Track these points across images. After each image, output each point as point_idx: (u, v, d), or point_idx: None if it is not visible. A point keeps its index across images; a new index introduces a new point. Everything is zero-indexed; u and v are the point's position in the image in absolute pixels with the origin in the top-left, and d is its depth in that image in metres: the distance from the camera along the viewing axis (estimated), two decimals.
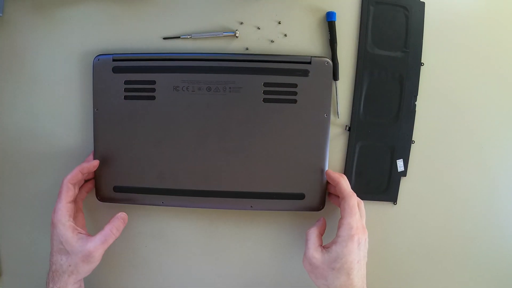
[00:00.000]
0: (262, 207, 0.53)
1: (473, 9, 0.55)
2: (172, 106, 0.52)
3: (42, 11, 0.54)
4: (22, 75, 0.55)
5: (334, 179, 0.50)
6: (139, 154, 0.52)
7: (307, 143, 0.52)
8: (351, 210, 0.46)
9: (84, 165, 0.50)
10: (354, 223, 0.45)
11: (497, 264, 0.57)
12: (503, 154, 0.56)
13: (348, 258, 0.44)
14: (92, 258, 0.46)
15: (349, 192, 0.48)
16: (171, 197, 0.53)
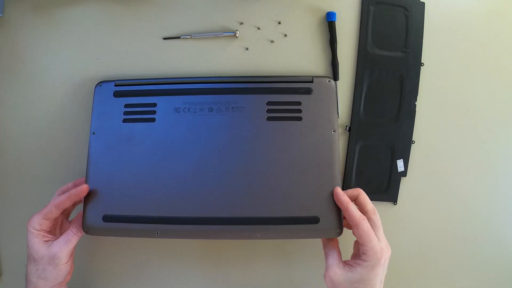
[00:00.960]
0: (271, 235, 0.48)
1: (473, 9, 0.55)
2: (172, 127, 0.50)
3: (42, 11, 0.54)
4: (22, 75, 0.55)
5: (342, 203, 0.46)
6: (134, 179, 0.49)
7: (316, 161, 0.48)
8: (368, 236, 0.43)
9: (72, 192, 0.47)
10: (377, 247, 0.43)
11: (497, 264, 0.57)
12: (503, 154, 0.56)
13: (372, 280, 0.43)
14: (57, 260, 0.46)
15: (359, 218, 0.44)
16: (168, 227, 0.47)
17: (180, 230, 0.48)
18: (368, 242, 0.43)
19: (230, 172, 0.48)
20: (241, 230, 0.47)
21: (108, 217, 0.48)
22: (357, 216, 0.44)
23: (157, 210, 0.48)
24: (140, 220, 0.48)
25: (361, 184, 0.54)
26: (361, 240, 0.44)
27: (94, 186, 0.49)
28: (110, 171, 0.49)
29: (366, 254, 0.43)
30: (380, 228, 0.45)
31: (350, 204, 0.45)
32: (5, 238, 0.57)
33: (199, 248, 0.56)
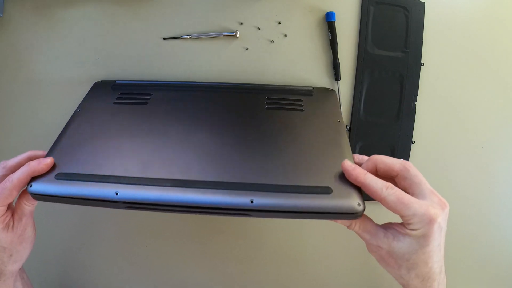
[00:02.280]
0: (269, 203, 0.34)
1: (473, 9, 0.55)
2: (165, 106, 0.47)
3: (42, 11, 0.54)
4: (21, 75, 0.55)
5: (354, 178, 0.35)
6: (107, 143, 0.41)
7: (322, 140, 0.42)
8: (401, 204, 0.33)
9: (33, 166, 0.37)
10: (421, 211, 0.33)
11: (497, 264, 0.57)
12: (503, 154, 0.56)
13: (427, 248, 0.34)
14: (25, 236, 0.41)
15: (381, 189, 0.34)
16: (133, 188, 0.36)
17: (148, 192, 0.35)
18: (405, 210, 0.33)
19: (223, 140, 0.42)
20: (229, 196, 0.35)
21: (62, 175, 0.37)
22: (379, 188, 0.34)
23: (125, 171, 0.37)
24: (99, 178, 0.37)
25: None
26: (396, 212, 0.34)
27: (60, 150, 0.41)
28: (84, 138, 0.42)
29: (410, 223, 0.34)
30: (421, 183, 0.35)
31: (365, 175, 0.35)
32: None
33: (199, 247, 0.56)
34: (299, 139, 0.42)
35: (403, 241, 0.34)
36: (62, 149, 0.41)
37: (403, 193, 0.34)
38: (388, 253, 0.35)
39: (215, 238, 0.56)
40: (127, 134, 0.42)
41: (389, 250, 0.35)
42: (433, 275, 0.35)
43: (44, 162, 0.37)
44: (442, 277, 0.37)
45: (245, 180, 0.36)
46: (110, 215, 0.54)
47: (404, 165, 0.35)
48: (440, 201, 0.35)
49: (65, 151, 0.40)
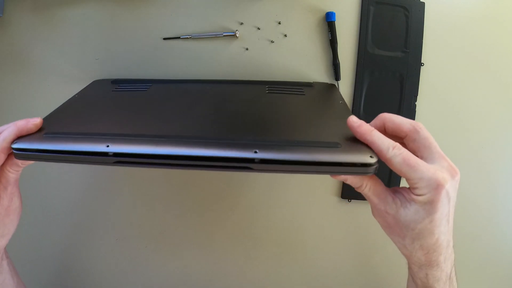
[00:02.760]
0: (274, 153, 0.31)
1: (473, 9, 0.55)
2: (165, 88, 0.47)
3: (42, 11, 0.54)
4: (21, 75, 0.55)
5: (361, 134, 0.33)
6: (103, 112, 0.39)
7: (326, 114, 0.40)
8: (408, 166, 0.31)
9: (20, 125, 0.35)
10: (428, 174, 0.31)
11: (497, 264, 0.57)
12: (503, 154, 0.56)
13: (433, 217, 0.32)
14: (12, 208, 0.39)
15: (387, 147, 0.31)
16: (125, 141, 0.32)
17: (141, 144, 0.32)
18: (411, 173, 0.31)
19: (226, 106, 0.40)
20: (231, 147, 0.31)
21: (50, 133, 0.35)
22: (385, 147, 0.31)
23: (116, 128, 0.35)
24: (89, 134, 0.34)
25: None
26: (402, 174, 0.32)
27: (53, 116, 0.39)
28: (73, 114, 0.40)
29: (416, 188, 0.31)
30: (431, 146, 0.33)
31: (372, 132, 0.32)
32: None
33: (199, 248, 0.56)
34: (303, 112, 0.40)
35: (410, 208, 0.32)
36: (54, 118, 0.38)
37: (411, 155, 0.31)
38: (394, 219, 0.33)
39: (215, 238, 0.56)
40: (125, 108, 0.40)
41: (396, 217, 0.33)
42: (439, 248, 0.33)
43: (33, 122, 0.35)
44: (450, 252, 0.35)
45: (249, 135, 0.34)
46: (110, 216, 0.54)
47: (414, 126, 0.33)
48: (451, 167, 0.32)
49: (57, 119, 0.38)
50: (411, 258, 0.35)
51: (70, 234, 0.56)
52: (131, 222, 0.56)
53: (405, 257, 0.36)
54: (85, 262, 0.56)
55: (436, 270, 0.34)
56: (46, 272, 0.57)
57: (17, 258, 0.57)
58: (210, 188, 0.55)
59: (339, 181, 0.55)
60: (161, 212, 0.56)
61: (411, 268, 0.37)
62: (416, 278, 0.36)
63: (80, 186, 0.55)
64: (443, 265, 0.34)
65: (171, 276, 0.57)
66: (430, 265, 0.34)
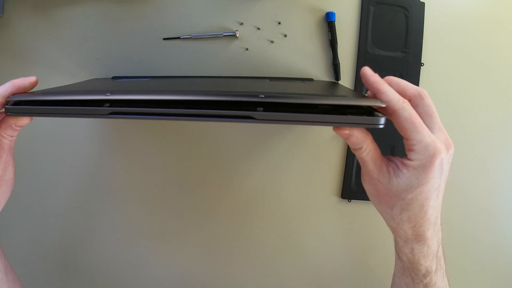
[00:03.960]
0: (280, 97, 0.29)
1: (473, 9, 0.55)
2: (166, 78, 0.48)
3: (42, 11, 0.54)
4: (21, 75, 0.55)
5: (371, 84, 0.33)
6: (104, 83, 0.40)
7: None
8: (413, 124, 0.31)
9: (17, 82, 0.34)
10: (427, 140, 0.31)
11: (497, 264, 0.57)
12: (503, 154, 0.56)
13: (425, 187, 0.32)
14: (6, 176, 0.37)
15: (397, 101, 0.31)
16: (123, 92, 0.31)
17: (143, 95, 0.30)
18: (413, 133, 0.31)
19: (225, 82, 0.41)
20: (235, 93, 0.30)
21: (48, 91, 0.34)
22: (395, 99, 0.31)
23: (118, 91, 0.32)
24: (89, 92, 0.33)
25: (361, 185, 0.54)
26: (404, 132, 0.32)
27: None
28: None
29: (413, 150, 0.32)
30: (433, 116, 0.33)
31: (383, 84, 0.32)
32: (5, 238, 0.57)
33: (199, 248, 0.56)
34: (307, 87, 0.39)
35: (402, 176, 0.32)
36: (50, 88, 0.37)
37: (417, 115, 0.31)
38: (386, 188, 0.33)
39: (214, 238, 0.56)
40: (126, 84, 0.40)
41: (387, 186, 0.33)
42: (426, 222, 0.33)
43: (29, 80, 0.34)
44: (437, 229, 0.35)
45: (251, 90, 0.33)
46: (110, 216, 0.54)
47: (419, 92, 0.32)
48: (447, 140, 0.33)
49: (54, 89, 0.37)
50: (397, 231, 0.34)
51: (70, 234, 0.56)
52: (131, 222, 0.56)
53: (391, 230, 0.35)
54: (85, 262, 0.56)
55: (422, 246, 0.34)
56: (45, 272, 0.57)
57: (16, 258, 0.57)
58: (210, 189, 0.55)
59: (339, 181, 0.55)
60: (161, 213, 0.56)
61: (397, 242, 0.36)
62: (402, 254, 0.36)
63: (80, 186, 0.55)
64: (430, 242, 0.34)
65: (171, 276, 0.57)
66: (417, 239, 0.34)
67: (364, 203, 0.54)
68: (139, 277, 0.57)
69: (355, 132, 0.32)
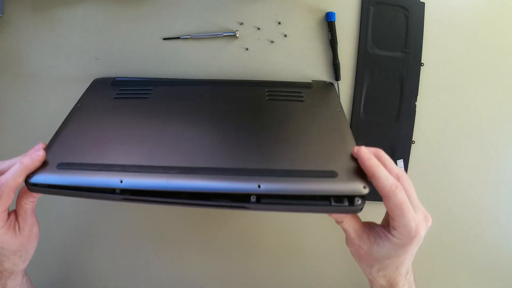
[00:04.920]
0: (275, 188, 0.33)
1: (473, 9, 0.55)
2: (166, 99, 0.47)
3: (42, 12, 0.54)
4: (21, 75, 0.55)
5: (367, 167, 0.35)
6: (109, 134, 0.40)
7: (325, 128, 0.42)
8: (401, 209, 0.33)
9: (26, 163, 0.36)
10: (412, 224, 0.34)
11: (497, 264, 0.57)
12: (504, 154, 0.56)
13: (401, 257, 0.36)
14: (33, 235, 0.41)
15: (391, 186, 0.33)
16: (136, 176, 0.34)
17: (153, 180, 0.33)
18: (400, 217, 0.34)
19: (227, 128, 0.41)
20: (235, 182, 0.33)
21: (63, 165, 0.36)
22: (388, 185, 0.33)
23: (128, 159, 0.36)
24: (102, 167, 0.35)
25: None
26: (392, 214, 0.34)
27: (59, 141, 0.40)
28: (85, 130, 0.41)
29: (397, 231, 0.34)
30: (412, 196, 0.35)
31: (379, 167, 0.34)
32: None
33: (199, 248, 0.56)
34: (301, 127, 0.41)
35: (383, 246, 0.36)
36: (62, 140, 0.39)
37: (406, 200, 0.34)
38: (366, 253, 0.37)
39: (215, 238, 0.56)
40: (128, 125, 0.41)
41: (368, 250, 0.37)
42: (399, 276, 0.38)
43: (36, 158, 0.36)
44: (409, 277, 0.39)
45: (251, 166, 0.36)
46: (110, 216, 0.54)
47: (403, 173, 0.36)
48: (426, 216, 0.36)
49: (66, 142, 0.39)
50: (373, 282, 0.39)
51: (70, 234, 0.56)
52: (131, 222, 0.56)
53: (369, 280, 0.40)
54: (85, 262, 0.56)
55: None
56: (45, 272, 0.57)
57: None
58: None
59: None
60: (161, 213, 0.56)
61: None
62: None
63: None
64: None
65: (171, 276, 0.57)
66: None
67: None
68: (139, 277, 0.57)
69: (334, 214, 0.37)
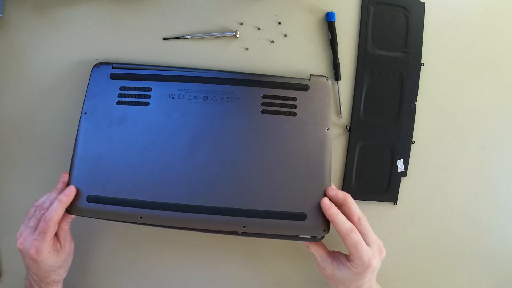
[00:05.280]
0: (256, 229, 0.46)
1: (473, 9, 0.55)
2: (165, 113, 0.50)
3: (42, 12, 0.54)
4: (21, 75, 0.55)
5: (329, 215, 0.45)
6: (123, 161, 0.48)
7: (307, 158, 0.48)
8: (355, 248, 0.43)
9: (64, 201, 0.46)
10: (365, 258, 0.43)
11: (497, 264, 0.57)
12: (504, 154, 0.56)
13: (359, 281, 0.45)
14: (71, 249, 0.51)
15: (346, 230, 0.43)
16: (152, 212, 0.46)
17: (164, 216, 0.46)
18: (355, 253, 0.43)
19: (220, 162, 0.48)
20: (226, 221, 0.46)
21: (92, 198, 0.47)
22: (344, 229, 0.44)
23: (143, 194, 0.47)
24: (125, 203, 0.47)
25: (361, 184, 0.54)
26: (349, 250, 0.44)
27: (80, 166, 0.48)
28: (98, 152, 0.48)
29: (354, 262, 0.44)
30: (369, 234, 0.45)
31: (338, 215, 0.45)
32: (5, 238, 0.57)
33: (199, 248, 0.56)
34: (287, 159, 0.48)
35: (343, 271, 0.45)
36: (82, 170, 0.48)
37: (360, 240, 0.44)
38: (331, 274, 0.46)
39: (215, 239, 0.56)
40: (135, 151, 0.49)
41: (332, 273, 0.46)
42: None
43: (70, 195, 0.47)
44: None
45: (238, 206, 0.47)
46: None
47: (361, 217, 0.45)
48: (380, 249, 0.45)
49: (85, 172, 0.48)
50: None
51: None
52: None
53: None
54: (85, 262, 0.56)
55: None
56: None
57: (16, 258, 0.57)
58: None
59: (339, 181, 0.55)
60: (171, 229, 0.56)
61: None
62: None
63: None
64: None
65: (171, 277, 0.57)
66: None
67: (364, 203, 0.54)
68: (139, 277, 0.57)
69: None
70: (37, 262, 0.46)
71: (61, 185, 0.48)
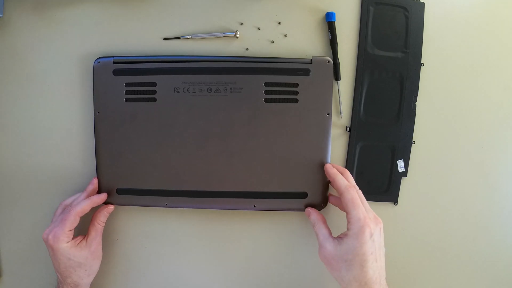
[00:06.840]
0: (265, 206, 0.53)
1: (473, 9, 0.55)
2: (173, 108, 0.52)
3: (42, 12, 0.54)
4: (22, 75, 0.55)
5: (330, 175, 0.49)
6: (141, 156, 0.52)
7: (309, 142, 0.52)
8: (352, 203, 0.44)
9: (94, 200, 0.50)
10: (360, 215, 0.43)
11: (497, 264, 0.57)
12: (503, 154, 0.56)
13: (359, 250, 0.43)
14: (97, 252, 0.52)
15: (345, 186, 0.46)
16: (174, 199, 0.53)
17: (186, 202, 0.53)
18: (351, 210, 0.44)
19: (229, 150, 0.52)
20: (239, 202, 0.53)
21: (121, 190, 0.53)
22: (344, 185, 0.46)
23: (165, 184, 0.53)
24: (150, 192, 0.53)
25: (361, 185, 0.54)
26: (346, 208, 0.45)
27: (104, 161, 0.53)
28: (117, 149, 0.52)
29: (350, 222, 0.44)
30: (365, 202, 0.47)
31: (338, 175, 0.48)
32: (5, 238, 0.57)
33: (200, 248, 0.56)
34: (290, 142, 0.52)
35: (343, 244, 0.44)
36: (107, 167, 0.53)
37: (357, 197, 0.45)
38: (332, 253, 0.45)
39: (215, 239, 0.56)
40: (151, 147, 0.53)
41: (333, 251, 0.45)
42: (370, 281, 0.43)
43: (102, 198, 0.52)
44: (383, 287, 0.45)
45: (248, 189, 0.52)
46: (110, 216, 0.54)
47: (356, 187, 0.47)
48: (375, 217, 0.46)
49: (110, 169, 0.53)
50: None
51: None
52: (131, 223, 0.56)
53: None
54: None
55: None
56: (45, 272, 0.57)
57: (17, 258, 0.57)
58: None
59: None
60: (161, 212, 0.56)
61: None
62: None
63: (80, 186, 0.55)
64: None
65: (171, 277, 0.57)
66: None
67: None
68: (139, 277, 0.57)
69: (311, 216, 0.50)
70: (54, 250, 0.47)
71: (91, 186, 0.52)
